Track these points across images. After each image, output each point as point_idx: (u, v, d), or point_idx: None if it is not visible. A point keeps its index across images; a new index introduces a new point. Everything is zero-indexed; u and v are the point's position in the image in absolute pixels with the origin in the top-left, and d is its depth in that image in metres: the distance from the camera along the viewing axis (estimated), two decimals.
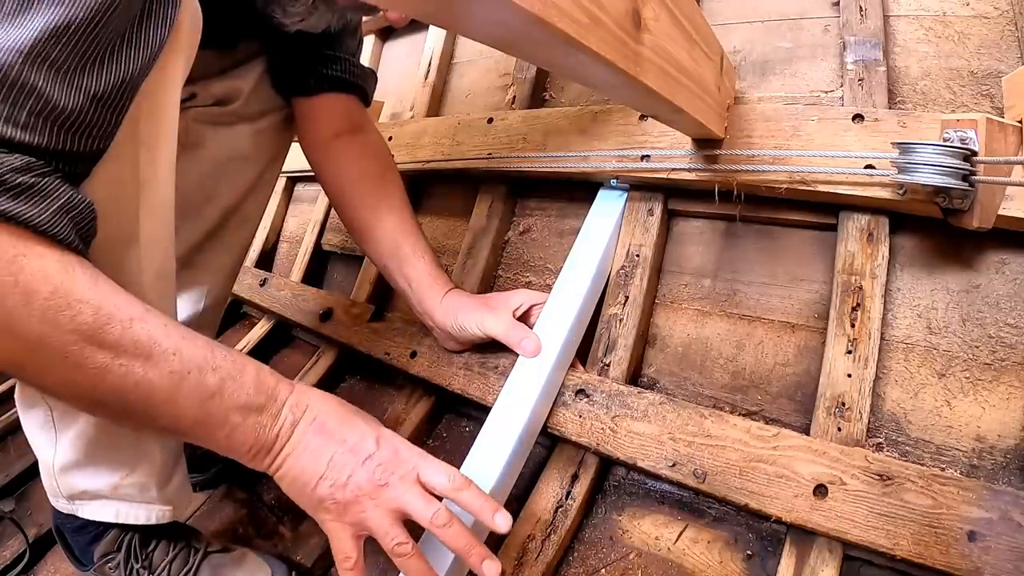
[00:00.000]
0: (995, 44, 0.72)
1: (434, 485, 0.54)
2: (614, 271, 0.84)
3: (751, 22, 0.92)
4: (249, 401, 0.50)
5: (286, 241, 1.53)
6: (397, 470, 0.53)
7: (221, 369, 0.49)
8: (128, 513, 0.69)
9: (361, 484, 0.52)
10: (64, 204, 0.43)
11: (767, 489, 0.62)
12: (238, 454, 0.52)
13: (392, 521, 0.53)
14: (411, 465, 0.54)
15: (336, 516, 0.53)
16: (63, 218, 0.43)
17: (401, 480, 0.53)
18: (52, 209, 0.42)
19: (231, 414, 0.49)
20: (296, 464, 0.52)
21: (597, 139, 0.88)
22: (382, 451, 0.54)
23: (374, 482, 0.52)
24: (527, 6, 0.33)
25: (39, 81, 0.41)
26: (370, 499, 0.52)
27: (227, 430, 0.50)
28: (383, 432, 0.56)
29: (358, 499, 0.52)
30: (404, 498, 0.53)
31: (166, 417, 0.47)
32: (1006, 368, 0.62)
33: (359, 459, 0.53)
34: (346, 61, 0.85)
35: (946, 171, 0.54)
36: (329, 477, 0.52)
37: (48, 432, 0.64)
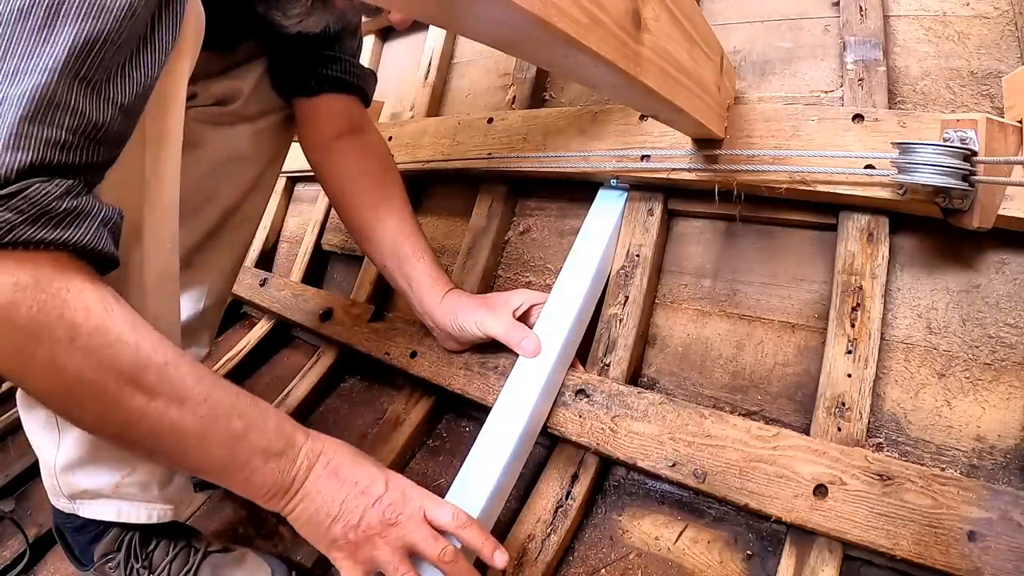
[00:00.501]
0: (995, 44, 0.72)
1: (440, 523, 0.57)
2: (614, 271, 0.84)
3: (751, 22, 0.92)
4: (270, 446, 0.52)
5: (286, 241, 1.53)
6: (405, 510, 0.56)
7: (247, 416, 0.51)
8: (130, 512, 0.69)
9: (372, 524, 0.55)
10: (103, 219, 0.44)
11: (767, 489, 0.62)
12: (256, 496, 0.54)
13: (401, 558, 0.55)
14: (418, 504, 0.57)
15: (348, 555, 0.55)
16: (103, 232, 0.44)
17: (409, 519, 0.56)
18: (94, 228, 0.43)
19: (253, 458, 0.52)
20: (311, 506, 0.54)
21: (597, 139, 0.88)
22: (391, 492, 0.56)
23: (384, 522, 0.55)
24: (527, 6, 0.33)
25: (75, 98, 0.41)
26: (380, 538, 0.55)
27: (247, 472, 0.52)
28: (391, 475, 0.59)
29: (370, 538, 0.55)
30: (413, 536, 0.55)
31: (194, 459, 0.50)
32: (1006, 368, 0.62)
33: (370, 500, 0.55)
34: (346, 62, 0.85)
35: (946, 171, 0.54)
36: (342, 518, 0.54)
37: (51, 432, 0.64)
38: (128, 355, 0.44)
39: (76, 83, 0.42)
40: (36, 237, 0.40)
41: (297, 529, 0.56)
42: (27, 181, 0.39)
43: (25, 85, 0.39)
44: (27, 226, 0.39)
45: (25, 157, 0.39)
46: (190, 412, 0.47)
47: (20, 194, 0.39)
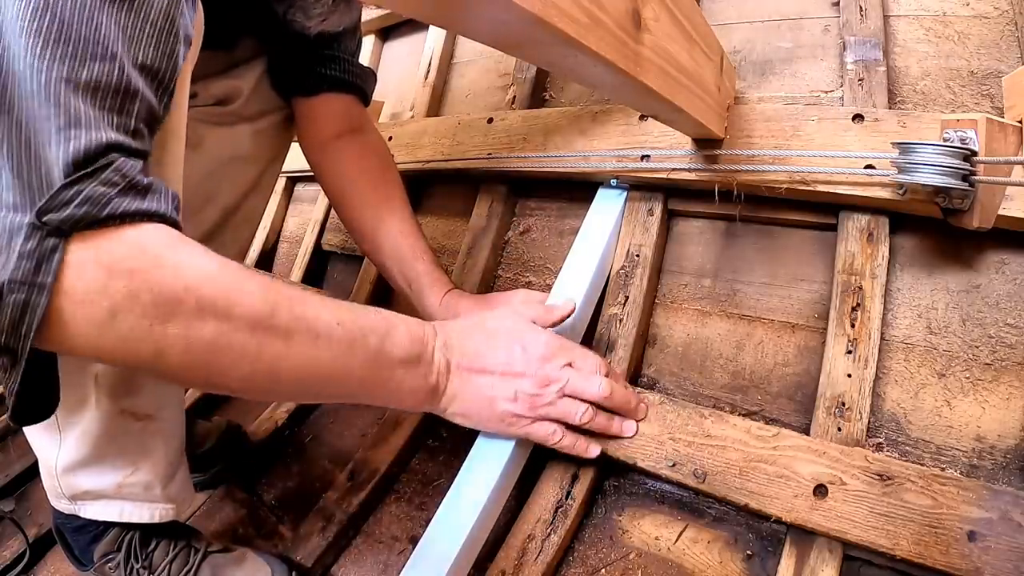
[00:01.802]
0: (995, 44, 0.72)
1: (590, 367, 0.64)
2: (614, 271, 0.84)
3: (751, 22, 0.92)
4: (407, 354, 0.53)
5: (286, 241, 1.53)
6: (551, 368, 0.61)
7: (378, 330, 0.51)
8: (132, 512, 0.69)
9: (528, 393, 0.59)
10: (172, 197, 0.43)
11: (767, 489, 0.62)
12: (410, 404, 0.56)
13: (567, 405, 0.61)
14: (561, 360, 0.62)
15: (524, 423, 0.60)
16: (175, 206, 0.43)
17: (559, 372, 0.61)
18: (170, 199, 0.42)
19: (396, 370, 0.52)
20: (464, 402, 0.58)
21: (597, 139, 0.88)
22: (530, 358, 0.60)
23: (539, 385, 0.60)
24: (527, 6, 0.34)
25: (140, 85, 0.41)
26: (542, 398, 0.60)
27: (394, 385, 0.53)
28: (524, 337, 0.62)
29: (533, 403, 0.59)
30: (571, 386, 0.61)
31: (340, 386, 0.51)
32: (1006, 368, 0.62)
33: (516, 376, 0.59)
34: (345, 61, 0.85)
35: (946, 171, 0.54)
36: (498, 402, 0.58)
37: (51, 432, 0.64)
38: (257, 303, 0.43)
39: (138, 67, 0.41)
40: (134, 208, 0.39)
41: (462, 424, 0.60)
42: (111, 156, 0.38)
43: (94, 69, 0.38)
44: (122, 198, 0.38)
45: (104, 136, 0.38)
46: (326, 342, 0.47)
47: (110, 167, 0.38)
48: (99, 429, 0.63)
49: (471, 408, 0.58)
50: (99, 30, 0.39)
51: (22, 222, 0.36)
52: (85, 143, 0.37)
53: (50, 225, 0.36)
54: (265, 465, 1.00)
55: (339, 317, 0.48)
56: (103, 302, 0.37)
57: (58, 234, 0.36)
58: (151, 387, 0.66)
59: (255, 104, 0.83)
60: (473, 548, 0.68)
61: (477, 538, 0.68)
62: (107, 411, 0.63)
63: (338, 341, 0.48)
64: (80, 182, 0.37)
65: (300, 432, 1.05)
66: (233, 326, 0.42)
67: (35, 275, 0.36)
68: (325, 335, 0.47)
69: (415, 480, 0.89)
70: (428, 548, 0.66)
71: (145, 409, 0.66)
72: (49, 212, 0.36)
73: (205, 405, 1.15)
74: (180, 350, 0.41)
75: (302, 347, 0.46)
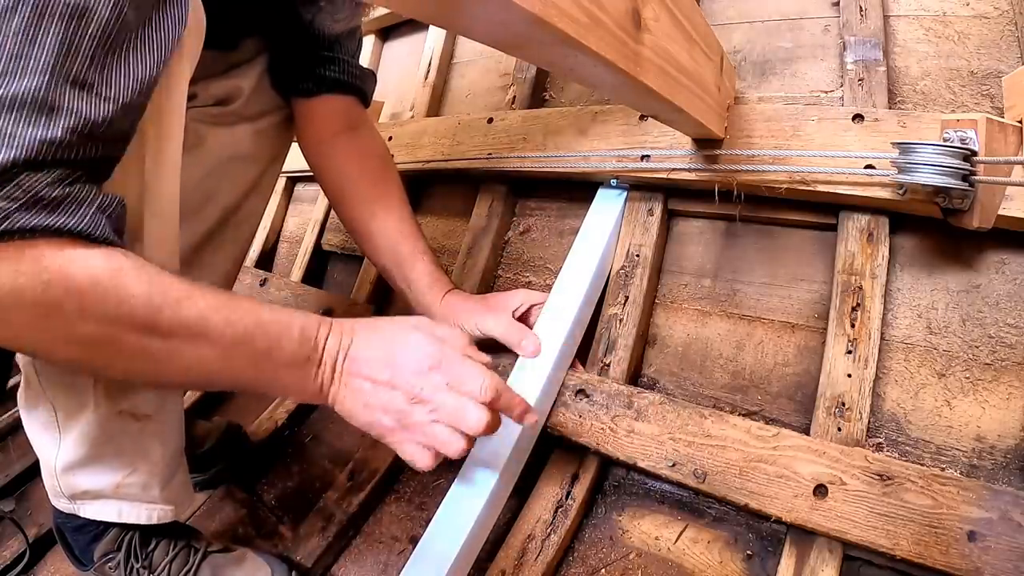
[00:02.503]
0: (995, 44, 0.72)
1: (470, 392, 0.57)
2: (614, 271, 0.84)
3: (751, 22, 0.92)
4: (294, 357, 0.53)
5: (286, 241, 1.53)
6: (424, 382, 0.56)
7: (270, 333, 0.52)
8: (130, 512, 0.69)
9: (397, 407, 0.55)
10: (99, 206, 0.44)
11: (767, 489, 0.62)
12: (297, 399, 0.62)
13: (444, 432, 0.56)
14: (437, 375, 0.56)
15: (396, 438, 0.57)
16: (101, 219, 0.44)
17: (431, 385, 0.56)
18: (90, 214, 0.43)
19: (280, 372, 0.53)
20: (343, 405, 0.57)
21: (597, 139, 0.88)
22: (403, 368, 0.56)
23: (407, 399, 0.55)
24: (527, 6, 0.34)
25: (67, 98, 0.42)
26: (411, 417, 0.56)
27: (281, 383, 0.55)
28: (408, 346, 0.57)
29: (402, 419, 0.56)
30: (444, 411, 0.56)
31: (226, 383, 0.55)
32: (1006, 368, 0.62)
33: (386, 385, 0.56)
34: (345, 62, 0.85)
35: (946, 171, 0.54)
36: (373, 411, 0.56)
37: (51, 432, 0.64)
38: (140, 307, 0.44)
39: (68, 83, 0.42)
40: (31, 224, 0.40)
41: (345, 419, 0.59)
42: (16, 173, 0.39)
43: (16, 87, 0.39)
44: (22, 213, 0.39)
45: (18, 154, 0.39)
46: (211, 345, 0.48)
47: (12, 182, 0.39)
48: (97, 430, 0.63)
49: (350, 411, 0.56)
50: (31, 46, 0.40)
51: None
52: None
53: None
54: (265, 465, 1.00)
55: (229, 319, 0.49)
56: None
57: None
58: (150, 388, 0.66)
59: (255, 104, 0.83)
60: (473, 548, 0.68)
61: (477, 538, 0.68)
62: (105, 412, 0.63)
63: (224, 344, 0.49)
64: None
65: (300, 432, 1.05)
66: (112, 326, 0.44)
67: None
68: (211, 337, 0.48)
69: (415, 480, 0.89)
70: (428, 548, 0.66)
71: (143, 410, 0.66)
72: None
73: (205, 405, 1.15)
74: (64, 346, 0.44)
75: (186, 348, 0.47)
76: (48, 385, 0.62)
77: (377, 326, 0.60)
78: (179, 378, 0.50)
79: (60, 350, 0.45)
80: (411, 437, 0.56)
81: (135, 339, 0.45)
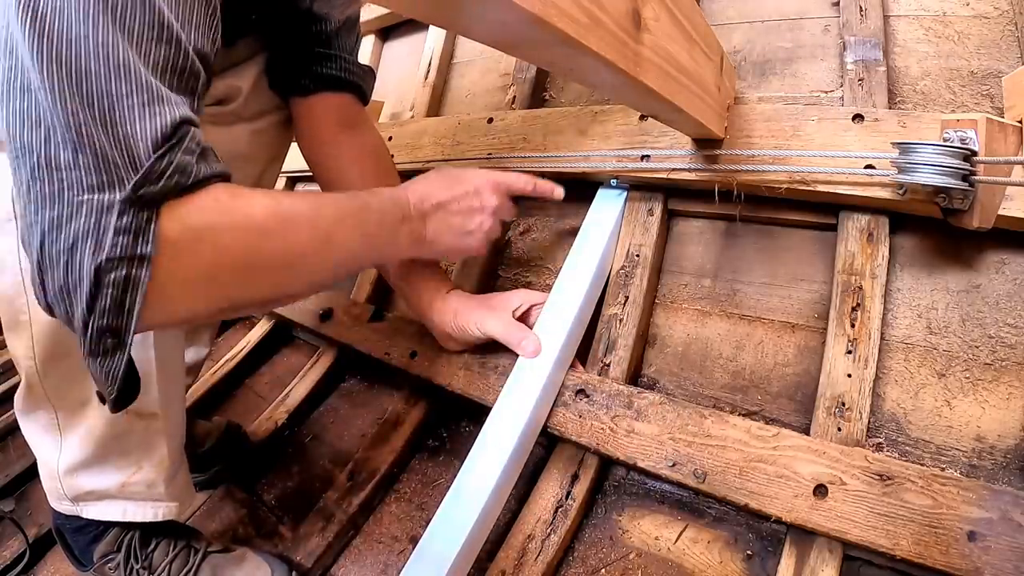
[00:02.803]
0: (995, 44, 0.72)
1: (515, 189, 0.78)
2: (614, 271, 0.84)
3: (751, 22, 0.92)
4: (398, 215, 0.65)
5: None
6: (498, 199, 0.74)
7: (372, 206, 0.61)
8: (135, 511, 0.69)
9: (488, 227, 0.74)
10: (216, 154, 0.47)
11: (767, 489, 0.62)
12: (414, 254, 0.71)
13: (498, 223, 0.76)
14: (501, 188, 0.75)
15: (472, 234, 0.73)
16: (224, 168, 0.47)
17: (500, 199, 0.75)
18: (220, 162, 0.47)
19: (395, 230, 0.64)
20: (442, 241, 0.70)
21: (597, 139, 0.88)
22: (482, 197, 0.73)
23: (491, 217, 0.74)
24: (527, 6, 0.34)
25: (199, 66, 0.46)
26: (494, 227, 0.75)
27: (400, 240, 0.65)
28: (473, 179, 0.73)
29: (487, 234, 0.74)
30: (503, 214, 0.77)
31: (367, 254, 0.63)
32: (1006, 368, 0.62)
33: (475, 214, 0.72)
34: (342, 59, 0.84)
35: (946, 171, 0.54)
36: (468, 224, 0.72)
37: (52, 434, 0.64)
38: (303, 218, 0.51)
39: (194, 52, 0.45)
40: (210, 172, 0.43)
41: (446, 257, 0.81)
42: (186, 128, 0.42)
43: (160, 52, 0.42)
44: (202, 164, 0.43)
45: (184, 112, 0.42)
46: (352, 224, 0.58)
47: (187, 137, 0.42)
48: (102, 429, 0.63)
49: (448, 244, 0.70)
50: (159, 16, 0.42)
51: (113, 200, 0.38)
52: (170, 118, 0.40)
53: (146, 197, 0.38)
54: (265, 465, 1.00)
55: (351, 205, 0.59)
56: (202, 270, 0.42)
57: (151, 206, 0.39)
58: (154, 385, 0.66)
59: (254, 104, 0.83)
60: (473, 548, 0.68)
61: (477, 538, 0.68)
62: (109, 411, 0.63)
63: (358, 222, 0.59)
64: (170, 153, 0.40)
65: (300, 432, 1.05)
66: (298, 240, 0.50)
67: (134, 248, 0.38)
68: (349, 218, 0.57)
69: (415, 480, 0.89)
70: (428, 548, 0.66)
71: (149, 408, 0.66)
72: (145, 185, 0.38)
73: (205, 405, 1.15)
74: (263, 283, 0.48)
75: (338, 233, 0.55)
76: (50, 388, 0.62)
77: (441, 175, 0.72)
78: (344, 267, 0.59)
79: (261, 288, 0.48)
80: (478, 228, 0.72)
81: (312, 246, 0.51)
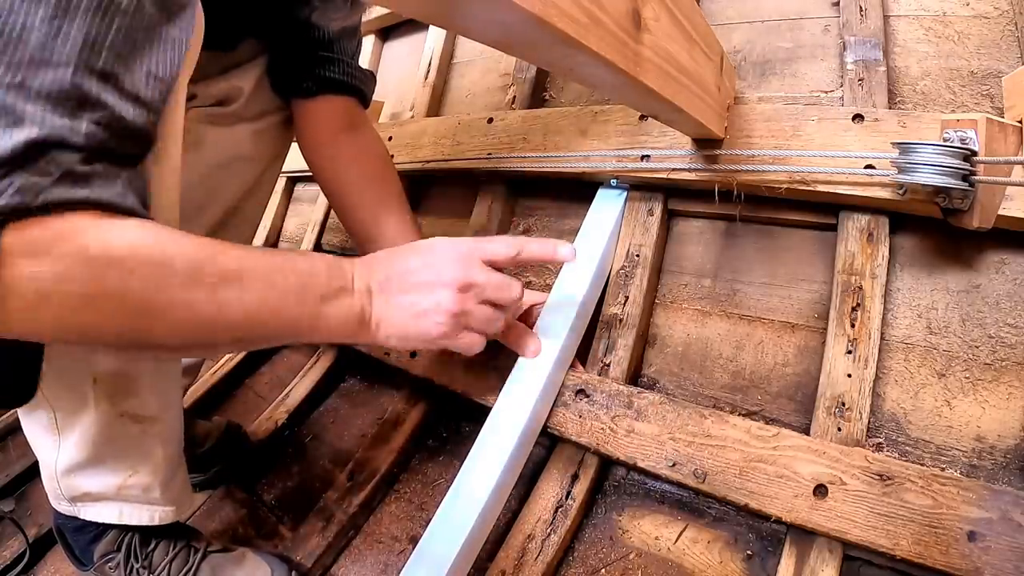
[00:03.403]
0: (995, 44, 0.72)
1: (499, 259, 0.61)
2: (614, 271, 0.84)
3: (751, 22, 0.92)
4: (329, 287, 0.54)
5: (286, 241, 1.53)
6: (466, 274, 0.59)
7: (298, 270, 0.53)
8: (131, 514, 0.69)
9: (450, 304, 0.58)
10: (126, 180, 0.45)
11: (767, 489, 0.62)
12: (343, 337, 0.57)
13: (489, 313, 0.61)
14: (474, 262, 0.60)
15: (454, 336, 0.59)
16: (129, 192, 0.45)
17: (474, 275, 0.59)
18: (120, 187, 0.44)
19: (321, 305, 0.54)
20: (392, 324, 0.57)
21: (597, 139, 0.88)
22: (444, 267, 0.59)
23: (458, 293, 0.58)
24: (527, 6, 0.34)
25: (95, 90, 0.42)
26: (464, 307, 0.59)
27: (324, 320, 0.54)
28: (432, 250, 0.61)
29: (456, 315, 0.58)
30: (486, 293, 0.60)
31: (272, 328, 0.52)
32: (1006, 368, 0.62)
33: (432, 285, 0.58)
34: (344, 63, 0.84)
35: (946, 171, 0.54)
36: (424, 319, 0.58)
37: (51, 434, 0.64)
38: (180, 264, 0.45)
39: (93, 75, 0.42)
40: (67, 197, 0.40)
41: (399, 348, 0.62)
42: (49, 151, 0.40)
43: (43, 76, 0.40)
44: (57, 187, 0.40)
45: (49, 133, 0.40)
46: (250, 286, 0.49)
47: (44, 156, 0.39)
48: (98, 432, 0.63)
49: (401, 328, 0.58)
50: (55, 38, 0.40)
51: None
52: (24, 137, 0.38)
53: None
54: (265, 465, 1.00)
55: (261, 259, 0.51)
56: (32, 287, 0.39)
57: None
58: (150, 389, 0.66)
59: (255, 104, 0.83)
60: (473, 548, 0.68)
61: (477, 538, 0.68)
62: (106, 414, 0.63)
63: (263, 284, 0.50)
64: (12, 173, 0.38)
65: (300, 432, 1.05)
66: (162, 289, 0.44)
67: None
68: (249, 280, 0.49)
69: (415, 480, 0.89)
70: (428, 548, 0.66)
71: (144, 411, 0.66)
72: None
73: (205, 405, 1.15)
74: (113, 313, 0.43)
75: (230, 294, 0.48)
76: (47, 388, 0.62)
77: (396, 250, 0.62)
78: (228, 333, 0.50)
79: (109, 327, 0.44)
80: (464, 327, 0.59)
81: (181, 296, 0.45)
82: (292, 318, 0.52)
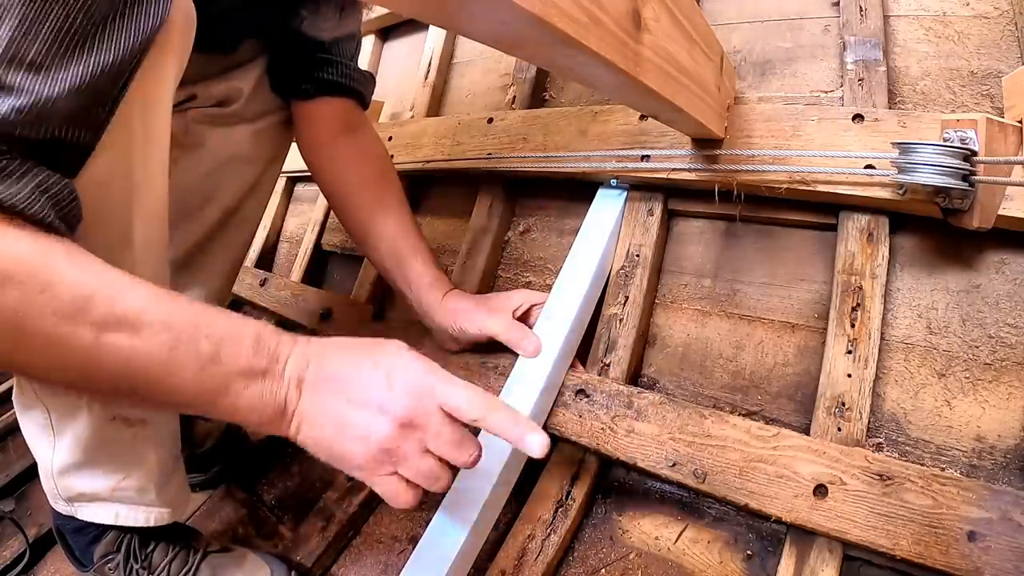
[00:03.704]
0: (995, 44, 0.72)
1: (455, 414, 0.50)
2: (614, 271, 0.84)
3: (751, 22, 0.92)
4: (250, 366, 0.47)
5: (286, 241, 1.53)
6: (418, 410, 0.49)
7: (215, 335, 0.45)
8: (127, 515, 0.69)
9: (387, 435, 0.48)
10: (40, 183, 0.41)
11: (767, 489, 0.62)
12: (248, 422, 0.48)
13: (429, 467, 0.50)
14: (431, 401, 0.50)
15: (372, 473, 0.50)
16: (40, 197, 0.41)
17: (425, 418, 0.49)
18: (27, 189, 0.40)
19: (232, 381, 0.46)
20: (312, 427, 0.49)
21: (597, 139, 0.88)
22: (397, 394, 0.49)
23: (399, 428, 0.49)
24: (527, 6, 0.33)
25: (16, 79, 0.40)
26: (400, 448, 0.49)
27: (231, 398, 0.46)
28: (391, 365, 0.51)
29: (389, 451, 0.49)
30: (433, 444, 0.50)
31: (164, 391, 0.45)
32: (1006, 368, 0.62)
33: (376, 411, 0.49)
34: (343, 65, 0.85)
35: (946, 171, 0.54)
36: (352, 437, 0.49)
37: (46, 434, 0.64)
38: (66, 292, 0.40)
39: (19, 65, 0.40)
40: None
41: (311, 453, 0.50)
42: None
43: None
44: None
45: None
46: (146, 340, 0.42)
47: None
48: (90, 434, 0.63)
49: (318, 438, 0.49)
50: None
51: None
52: None
53: None
54: (265, 465, 1.00)
55: (171, 313, 0.44)
56: None
57: None
58: None
59: (255, 105, 0.84)
60: (473, 548, 0.68)
61: (477, 538, 0.68)
62: (98, 417, 0.63)
63: (162, 340, 0.43)
64: None
65: None
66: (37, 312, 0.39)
67: None
68: (148, 332, 0.43)
69: None
70: (428, 548, 0.66)
71: (137, 415, 0.66)
72: None
73: None
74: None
75: (119, 342, 0.42)
76: (41, 389, 0.62)
77: (350, 344, 0.53)
78: (107, 381, 0.43)
79: None
80: (392, 471, 0.50)
81: (57, 327, 0.40)
82: (191, 384, 0.45)
